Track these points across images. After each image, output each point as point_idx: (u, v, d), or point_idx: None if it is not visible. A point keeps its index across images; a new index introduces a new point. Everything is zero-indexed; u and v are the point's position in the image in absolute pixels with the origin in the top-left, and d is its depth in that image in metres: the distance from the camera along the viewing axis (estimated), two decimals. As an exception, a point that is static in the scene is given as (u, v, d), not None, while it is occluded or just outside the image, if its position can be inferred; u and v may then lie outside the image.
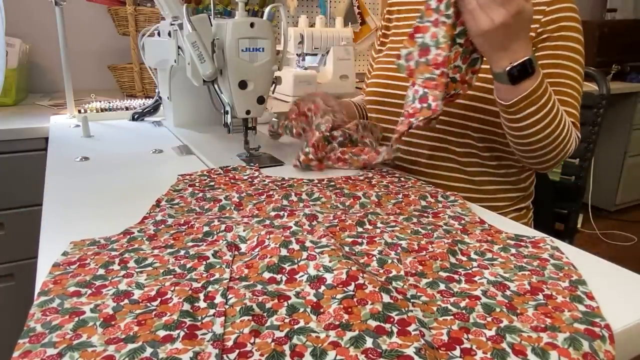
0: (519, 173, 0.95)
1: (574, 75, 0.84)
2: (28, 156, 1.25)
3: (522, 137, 0.77)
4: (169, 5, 0.94)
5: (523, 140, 0.77)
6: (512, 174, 0.94)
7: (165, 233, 0.56)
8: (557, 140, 0.77)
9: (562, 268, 0.50)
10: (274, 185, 0.74)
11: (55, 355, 0.35)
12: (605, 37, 2.62)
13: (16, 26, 1.70)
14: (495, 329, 0.40)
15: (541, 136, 0.76)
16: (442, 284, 0.47)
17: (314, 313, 0.41)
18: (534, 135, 0.76)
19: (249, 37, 0.80)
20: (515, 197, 0.96)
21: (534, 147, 0.77)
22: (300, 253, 0.50)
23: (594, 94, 1.15)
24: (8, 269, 1.29)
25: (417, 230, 0.59)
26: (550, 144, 0.77)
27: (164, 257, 0.50)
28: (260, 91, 0.85)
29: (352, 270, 0.46)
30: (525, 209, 0.99)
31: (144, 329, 0.39)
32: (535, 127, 0.75)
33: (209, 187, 0.72)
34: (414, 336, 0.38)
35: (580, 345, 0.37)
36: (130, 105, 1.33)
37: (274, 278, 0.47)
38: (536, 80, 0.71)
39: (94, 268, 0.48)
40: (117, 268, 0.48)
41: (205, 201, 0.66)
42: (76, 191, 0.72)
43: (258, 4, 1.79)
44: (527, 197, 0.99)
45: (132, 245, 0.53)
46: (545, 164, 0.81)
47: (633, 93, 2.63)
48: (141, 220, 0.60)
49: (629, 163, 2.83)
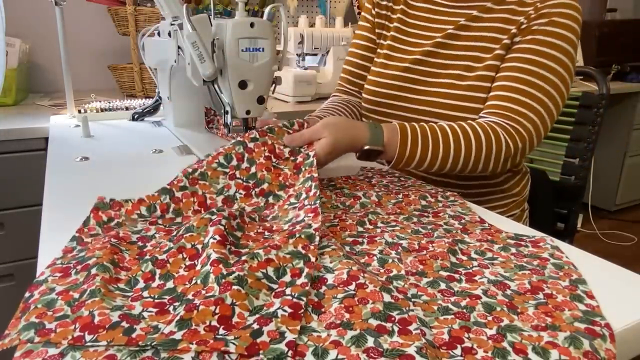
0: (510, 178, 0.94)
1: (549, 76, 0.79)
2: (28, 156, 1.25)
3: (434, 172, 0.81)
4: (169, 5, 0.94)
5: (439, 171, 0.79)
6: (503, 180, 0.93)
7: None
8: (472, 158, 0.77)
9: (562, 267, 0.50)
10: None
11: (57, 355, 0.35)
12: (605, 37, 2.62)
13: (16, 26, 1.70)
14: (496, 328, 0.40)
15: (448, 167, 0.78)
16: (442, 283, 0.47)
17: (315, 313, 0.41)
18: (440, 169, 0.78)
19: (249, 37, 0.80)
20: (509, 203, 0.94)
21: (454, 171, 0.79)
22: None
23: (594, 94, 1.15)
24: (8, 269, 1.29)
25: (418, 230, 0.59)
26: (467, 163, 0.78)
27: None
28: (260, 91, 0.85)
29: (352, 270, 0.46)
30: (520, 212, 0.98)
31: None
32: (435, 166, 0.77)
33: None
34: (415, 335, 0.38)
35: (581, 344, 0.37)
36: (130, 105, 1.33)
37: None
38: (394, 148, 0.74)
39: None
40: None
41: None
42: (76, 191, 0.72)
43: (258, 4, 1.79)
44: (521, 202, 0.98)
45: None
46: (485, 172, 0.81)
47: (633, 93, 2.63)
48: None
49: (629, 163, 2.83)
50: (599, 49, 2.61)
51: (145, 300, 0.43)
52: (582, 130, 1.17)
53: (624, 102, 2.71)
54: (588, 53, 2.50)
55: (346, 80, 1.08)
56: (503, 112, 0.79)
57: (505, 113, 0.79)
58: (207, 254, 0.47)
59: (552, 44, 0.79)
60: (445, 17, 0.92)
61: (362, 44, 1.04)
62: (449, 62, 0.89)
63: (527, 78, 0.79)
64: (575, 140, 1.19)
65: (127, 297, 0.43)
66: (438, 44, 0.90)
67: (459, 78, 0.86)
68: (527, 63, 0.80)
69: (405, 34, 0.97)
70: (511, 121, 0.79)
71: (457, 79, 0.87)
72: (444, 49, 0.90)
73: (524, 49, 0.81)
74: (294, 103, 1.72)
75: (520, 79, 0.79)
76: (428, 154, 0.75)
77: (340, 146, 0.72)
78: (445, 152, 0.76)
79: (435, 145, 0.75)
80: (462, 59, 0.87)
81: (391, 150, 0.74)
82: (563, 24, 0.79)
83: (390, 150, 0.74)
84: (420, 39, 0.94)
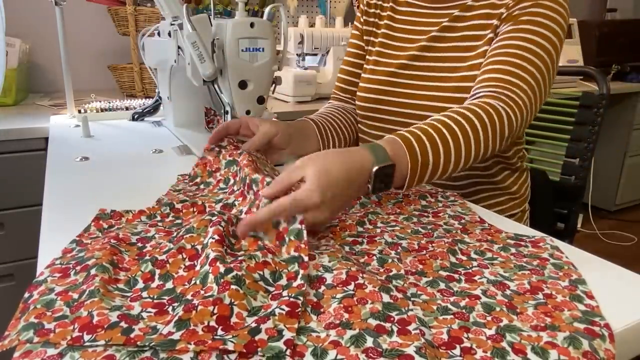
0: (507, 177, 0.93)
1: (537, 50, 0.76)
2: (28, 156, 1.25)
3: (449, 176, 0.69)
4: (169, 5, 0.94)
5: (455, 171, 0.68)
6: (502, 180, 0.92)
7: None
8: (482, 143, 0.68)
9: (562, 267, 0.50)
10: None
11: (56, 355, 0.35)
12: (605, 37, 2.62)
13: (16, 26, 1.70)
14: (495, 328, 0.40)
15: (461, 165, 0.67)
16: (442, 283, 0.47)
17: (314, 313, 0.41)
18: (454, 170, 0.67)
19: (249, 37, 0.80)
20: (506, 201, 0.94)
21: (467, 164, 0.69)
22: None
23: (594, 94, 1.15)
24: (8, 269, 1.29)
25: (417, 230, 0.59)
26: (478, 151, 0.68)
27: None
28: (260, 91, 0.85)
29: (351, 271, 0.46)
30: (520, 212, 0.97)
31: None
32: (447, 171, 0.66)
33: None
34: (414, 335, 0.38)
35: (580, 344, 0.37)
36: (130, 105, 1.33)
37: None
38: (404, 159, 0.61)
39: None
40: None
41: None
42: (76, 191, 0.72)
43: (258, 4, 1.79)
44: (522, 202, 0.98)
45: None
46: (494, 152, 0.73)
47: (633, 93, 2.63)
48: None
49: (629, 163, 2.83)
50: (599, 49, 2.61)
51: (145, 301, 0.43)
52: (582, 130, 1.17)
53: (624, 102, 2.71)
54: (588, 53, 2.50)
55: (339, 88, 1.09)
56: (494, 83, 0.75)
57: (497, 83, 0.75)
58: (206, 254, 0.47)
59: (537, 22, 0.77)
60: (428, 18, 0.92)
61: (353, 51, 1.06)
62: (435, 64, 0.88)
63: (515, 52, 0.76)
64: (575, 140, 1.18)
65: (126, 297, 0.43)
66: (423, 47, 0.90)
67: (445, 80, 0.86)
68: (513, 40, 0.77)
69: (392, 39, 0.97)
70: (504, 90, 0.74)
71: (443, 80, 0.86)
72: (430, 51, 0.90)
73: (509, 31, 0.79)
74: (294, 103, 1.72)
75: (509, 54, 0.77)
76: (440, 156, 0.64)
77: (333, 178, 0.53)
78: (457, 146, 0.65)
79: (444, 140, 0.65)
80: (448, 61, 0.87)
81: (402, 163, 0.61)
82: (547, 5, 0.77)
83: (400, 162, 0.61)
84: (406, 43, 0.94)
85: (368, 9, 1.02)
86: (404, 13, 0.97)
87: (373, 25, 1.02)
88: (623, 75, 2.62)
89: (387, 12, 0.99)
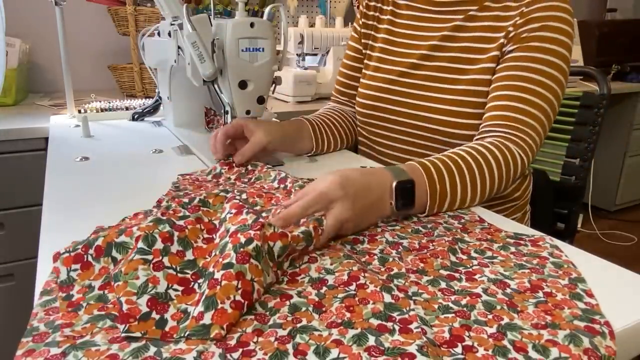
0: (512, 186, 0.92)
1: (546, 82, 0.77)
2: (28, 156, 1.25)
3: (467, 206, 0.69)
4: (169, 5, 0.94)
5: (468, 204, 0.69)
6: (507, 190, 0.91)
7: None
8: (496, 182, 0.70)
9: (562, 266, 0.50)
10: (276, 185, 0.74)
11: (59, 354, 0.35)
12: (605, 37, 2.62)
13: (16, 26, 1.70)
14: (496, 327, 0.40)
15: (478, 197, 0.68)
16: (443, 282, 0.47)
17: (316, 312, 0.41)
18: (472, 200, 0.68)
19: (249, 37, 0.80)
20: (509, 207, 0.93)
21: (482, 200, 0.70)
22: (302, 256, 0.51)
23: (594, 94, 1.15)
24: (8, 269, 1.29)
25: (418, 229, 0.59)
26: (492, 188, 0.70)
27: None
28: (260, 91, 0.85)
29: (353, 271, 0.46)
30: (521, 214, 0.97)
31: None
32: (466, 199, 0.67)
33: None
34: (415, 334, 0.38)
35: (581, 342, 0.37)
36: (130, 105, 1.33)
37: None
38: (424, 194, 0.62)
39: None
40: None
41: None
42: (76, 191, 0.72)
43: (258, 4, 1.79)
44: (523, 205, 0.97)
45: None
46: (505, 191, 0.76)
47: (633, 93, 2.63)
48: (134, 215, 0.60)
49: (629, 163, 2.83)
50: (599, 49, 2.61)
51: (169, 273, 0.43)
52: (582, 131, 1.17)
53: (624, 102, 2.72)
54: (588, 53, 2.50)
55: (338, 91, 1.09)
56: (508, 123, 0.76)
57: (509, 123, 0.76)
58: (226, 227, 0.48)
59: (546, 49, 0.77)
60: (430, 23, 0.91)
61: (351, 54, 1.06)
62: (435, 73, 0.88)
63: (525, 85, 0.77)
64: (575, 140, 1.19)
65: (147, 262, 0.43)
66: (423, 56, 0.89)
67: (445, 92, 0.86)
68: (523, 70, 0.78)
69: (392, 44, 0.96)
70: (518, 132, 0.76)
71: (444, 92, 0.86)
72: (430, 60, 0.89)
73: (518, 57, 0.79)
74: (294, 103, 1.72)
75: (518, 87, 0.77)
76: (457, 186, 0.65)
77: (352, 178, 0.56)
78: (473, 180, 0.67)
79: (461, 174, 0.66)
80: (448, 71, 0.86)
81: (420, 183, 0.62)
82: (555, 27, 0.77)
83: (419, 183, 0.62)
84: (407, 49, 0.93)
85: (367, 11, 1.02)
86: (405, 17, 0.96)
87: (372, 29, 1.01)
88: (623, 75, 2.62)
89: (387, 16, 0.99)
